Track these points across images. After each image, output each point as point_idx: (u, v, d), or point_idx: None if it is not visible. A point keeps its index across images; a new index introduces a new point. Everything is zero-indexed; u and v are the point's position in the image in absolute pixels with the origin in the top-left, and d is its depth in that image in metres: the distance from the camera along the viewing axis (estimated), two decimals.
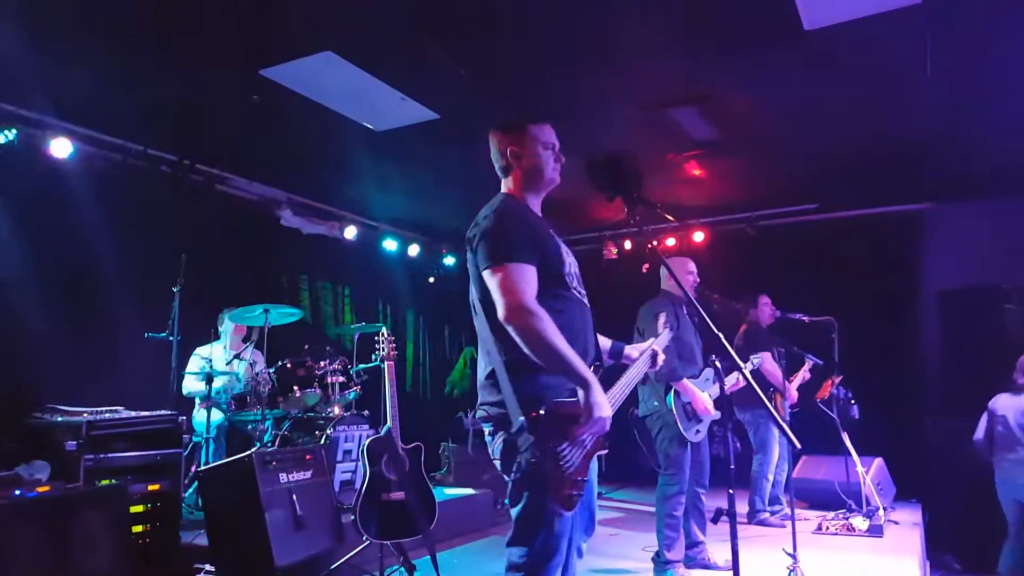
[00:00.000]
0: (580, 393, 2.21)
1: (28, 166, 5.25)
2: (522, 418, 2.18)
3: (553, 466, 2.15)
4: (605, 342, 2.79)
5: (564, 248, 2.51)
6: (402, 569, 4.28)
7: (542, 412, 2.18)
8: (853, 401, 6.10)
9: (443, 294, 9.34)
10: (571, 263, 2.51)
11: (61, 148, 5.38)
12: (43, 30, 4.23)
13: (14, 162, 5.16)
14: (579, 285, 2.52)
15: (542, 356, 2.21)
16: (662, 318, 3.25)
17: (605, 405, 2.22)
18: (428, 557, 4.28)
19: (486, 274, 2.32)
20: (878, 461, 6.34)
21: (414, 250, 8.89)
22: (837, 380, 6.07)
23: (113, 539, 3.60)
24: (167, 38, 4.38)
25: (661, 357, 2.85)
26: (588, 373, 2.22)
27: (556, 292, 2.39)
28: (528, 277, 2.29)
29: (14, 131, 5.15)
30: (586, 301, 2.53)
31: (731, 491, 2.66)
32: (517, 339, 2.22)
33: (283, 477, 4.18)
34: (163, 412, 4.54)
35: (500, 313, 2.24)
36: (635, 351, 2.81)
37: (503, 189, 2.62)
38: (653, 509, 4.52)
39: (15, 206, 5.13)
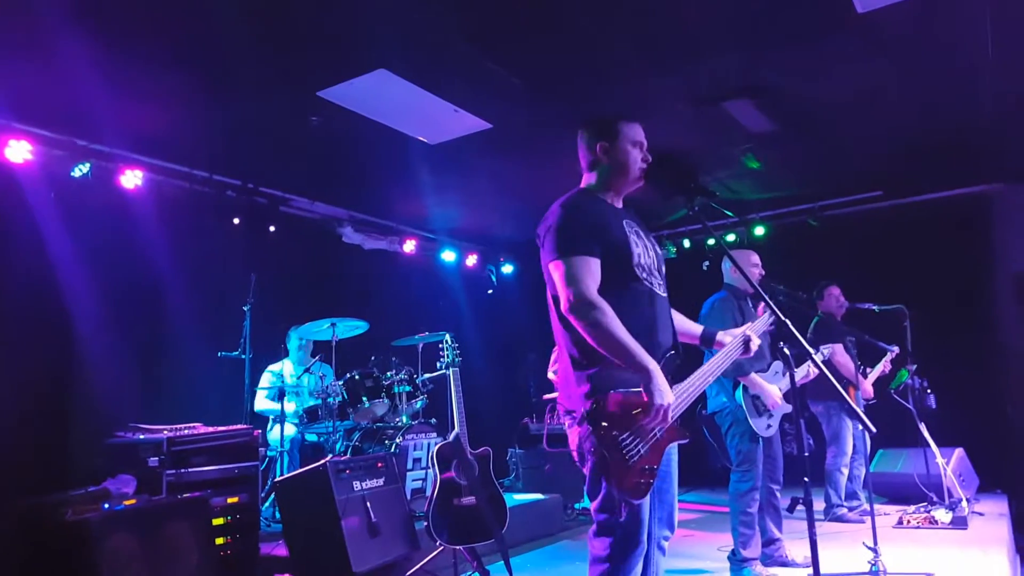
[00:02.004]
0: (643, 382, 2.22)
1: (101, 197, 5.48)
2: (584, 409, 2.24)
3: (615, 455, 2.17)
4: (695, 328, 2.80)
5: (638, 239, 2.50)
6: (476, 574, 4.31)
7: (598, 401, 2.23)
8: (929, 390, 5.89)
9: (502, 301, 9.42)
10: (641, 253, 2.48)
11: (131, 179, 5.61)
12: (111, 68, 4.44)
13: (88, 194, 5.39)
14: (653, 275, 2.50)
15: (604, 346, 2.25)
16: (761, 306, 3.13)
17: (666, 393, 2.22)
18: (501, 562, 4.30)
19: (550, 267, 2.38)
20: (959, 451, 6.10)
21: (472, 260, 9.03)
22: (912, 369, 5.88)
23: (198, 550, 3.72)
24: (229, 66, 4.54)
25: (756, 342, 2.80)
26: (648, 361, 2.23)
27: (623, 282, 2.39)
28: (590, 269, 2.31)
29: (88, 165, 5.39)
30: (660, 291, 2.52)
31: (806, 479, 2.62)
32: (580, 330, 2.27)
33: (357, 485, 4.26)
34: (239, 427, 4.66)
35: (562, 305, 2.30)
36: (728, 336, 2.78)
37: (583, 184, 2.67)
38: (727, 509, 4.45)
39: (91, 235, 5.34)
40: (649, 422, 2.22)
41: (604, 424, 2.20)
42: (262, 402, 5.88)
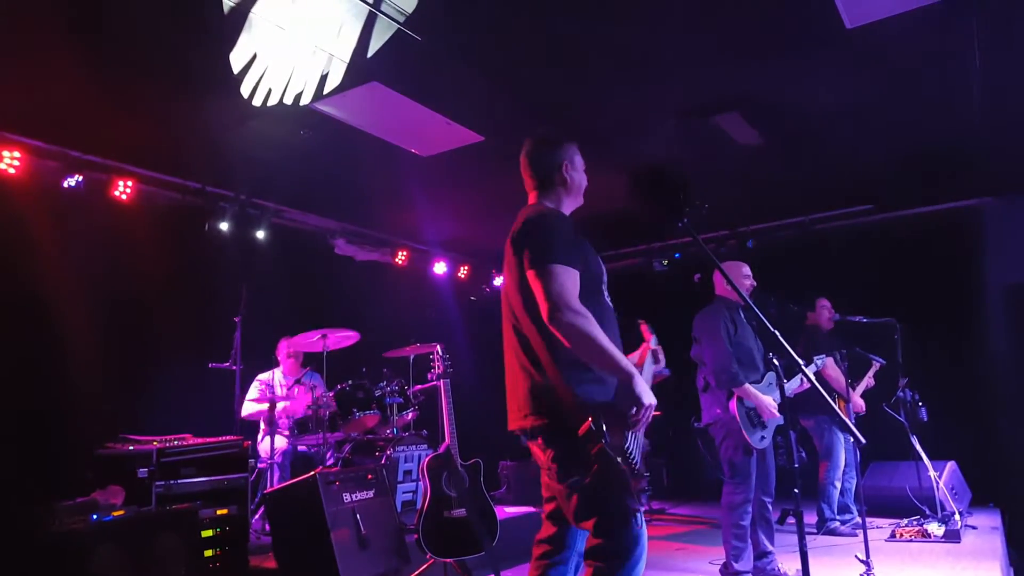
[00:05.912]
0: (626, 386, 2.24)
1: (93, 208, 5.47)
2: (591, 424, 2.19)
3: (626, 465, 2.21)
4: None
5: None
6: None
7: (606, 415, 2.22)
8: (921, 403, 5.91)
9: (494, 313, 9.41)
10: (604, 271, 2.59)
11: (123, 189, 5.60)
12: (104, 79, 4.45)
13: (80, 205, 5.38)
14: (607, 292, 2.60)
15: (588, 353, 2.27)
16: (642, 325, 3.08)
17: (650, 392, 2.27)
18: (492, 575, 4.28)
19: (531, 275, 2.36)
20: (951, 465, 6.10)
21: (463, 272, 9.03)
22: (903, 383, 5.89)
23: (186, 562, 3.69)
24: (222, 77, 4.54)
25: (661, 353, 2.82)
26: (630, 365, 2.27)
27: (596, 299, 2.44)
28: (574, 279, 2.34)
29: (79, 177, 5.38)
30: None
31: (796, 490, 2.63)
32: (563, 337, 2.26)
33: (346, 497, 4.24)
34: (228, 438, 4.65)
35: (545, 313, 2.28)
36: (635, 357, 2.76)
37: (538, 201, 2.66)
38: (718, 522, 4.43)
39: (82, 246, 5.32)
40: (640, 426, 2.26)
41: (611, 434, 2.20)
42: (249, 406, 5.83)
